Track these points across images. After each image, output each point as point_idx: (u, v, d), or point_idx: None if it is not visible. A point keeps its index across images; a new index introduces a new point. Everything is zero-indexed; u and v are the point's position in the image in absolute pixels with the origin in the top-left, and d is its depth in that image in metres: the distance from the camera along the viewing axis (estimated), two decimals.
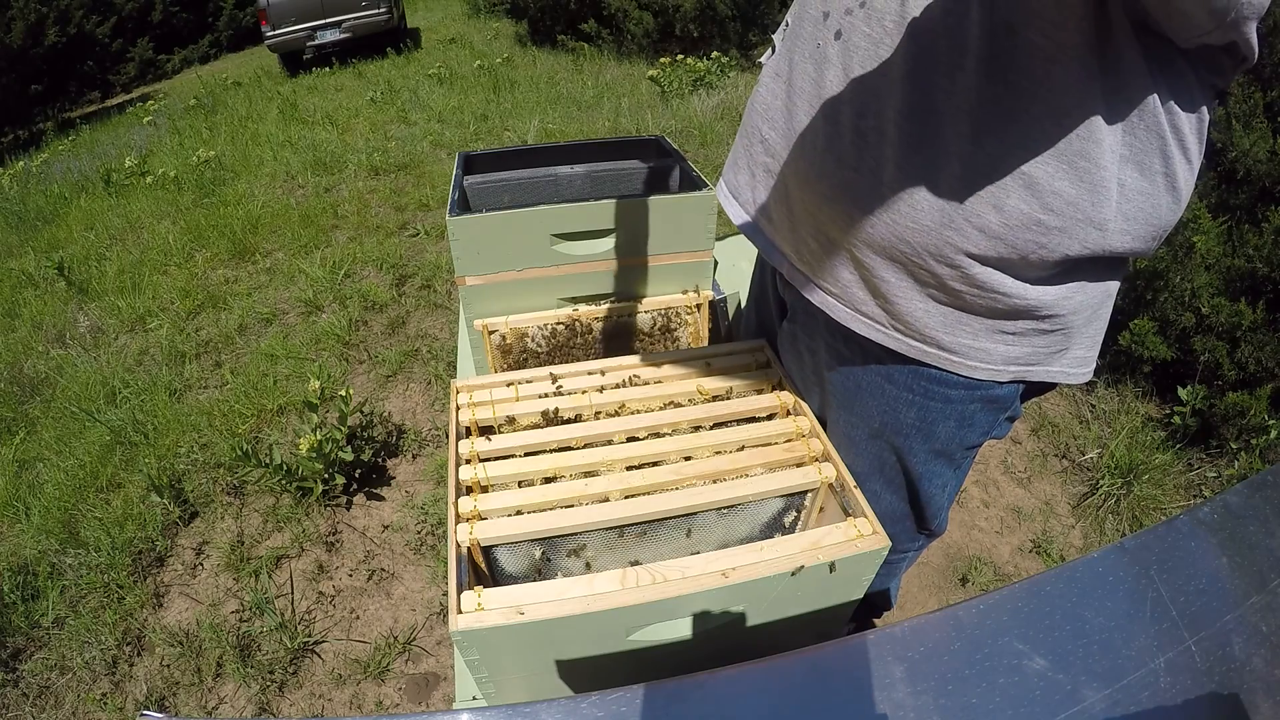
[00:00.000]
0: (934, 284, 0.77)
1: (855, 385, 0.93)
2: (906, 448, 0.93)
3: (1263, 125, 2.22)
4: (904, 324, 0.81)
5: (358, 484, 2.27)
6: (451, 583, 0.77)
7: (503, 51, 7.73)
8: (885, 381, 0.88)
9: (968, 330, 0.79)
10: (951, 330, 0.79)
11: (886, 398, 0.89)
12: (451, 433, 0.99)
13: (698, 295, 1.44)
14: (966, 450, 0.94)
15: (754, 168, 0.91)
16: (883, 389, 0.89)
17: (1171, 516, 0.59)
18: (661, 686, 0.54)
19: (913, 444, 0.92)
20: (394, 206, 4.30)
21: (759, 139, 0.88)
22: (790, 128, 0.82)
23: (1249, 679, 0.49)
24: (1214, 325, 2.17)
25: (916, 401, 0.87)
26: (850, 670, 0.54)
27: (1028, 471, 2.21)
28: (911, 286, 0.78)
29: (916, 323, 0.80)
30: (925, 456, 0.93)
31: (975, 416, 0.87)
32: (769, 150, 0.87)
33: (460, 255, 1.30)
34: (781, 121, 0.83)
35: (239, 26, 12.42)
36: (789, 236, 0.88)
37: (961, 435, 0.90)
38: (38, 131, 9.14)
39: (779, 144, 0.85)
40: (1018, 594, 0.58)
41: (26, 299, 3.72)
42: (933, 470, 0.95)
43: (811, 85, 0.78)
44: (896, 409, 0.89)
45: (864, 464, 0.98)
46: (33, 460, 2.56)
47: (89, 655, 1.84)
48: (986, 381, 0.82)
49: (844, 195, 0.77)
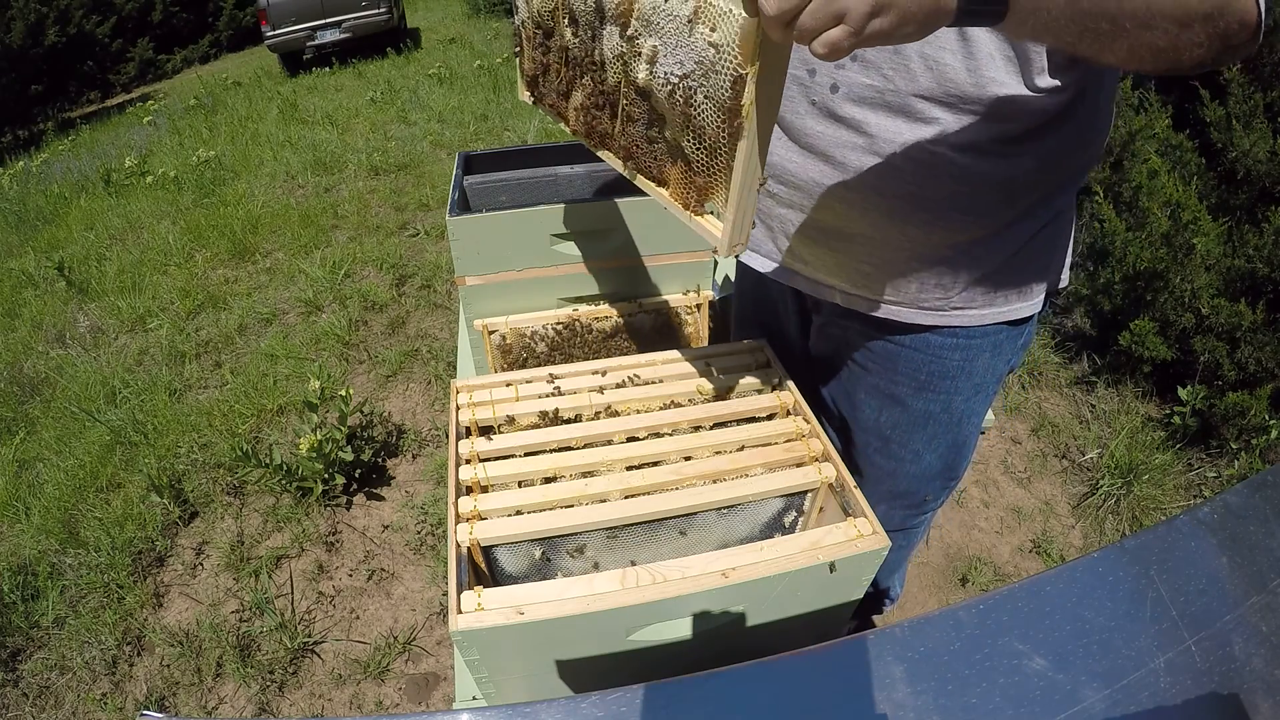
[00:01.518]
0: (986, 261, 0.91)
1: (898, 346, 1.03)
2: (953, 389, 1.03)
3: (1263, 125, 2.22)
4: (961, 304, 0.94)
5: (358, 484, 2.27)
6: (451, 583, 0.77)
7: (503, 51, 7.73)
8: (931, 334, 1.00)
9: (1012, 285, 0.94)
10: (995, 293, 0.94)
11: (931, 349, 1.00)
12: (451, 433, 0.99)
13: (698, 295, 1.44)
14: (996, 382, 1.06)
15: (768, 221, 1.01)
16: (928, 342, 1.00)
17: (1171, 516, 0.59)
18: (661, 686, 0.54)
19: (959, 384, 1.03)
20: (394, 206, 4.30)
21: (766, 194, 0.98)
22: (809, 178, 0.91)
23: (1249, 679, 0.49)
24: (1214, 325, 2.17)
25: (960, 344, 0.99)
26: (850, 670, 0.54)
27: (1028, 471, 2.21)
28: (969, 271, 0.91)
29: (973, 300, 0.94)
30: (968, 394, 1.04)
31: (1004, 344, 1.01)
32: (784, 202, 0.97)
33: (460, 255, 1.30)
34: (798, 173, 0.92)
35: (239, 26, 12.42)
36: (837, 269, 0.98)
37: (994, 365, 1.02)
38: (38, 131, 9.14)
39: (798, 196, 0.94)
40: (1018, 594, 0.58)
41: (26, 299, 3.72)
42: (973, 408, 1.07)
43: (828, 134, 0.87)
44: (942, 355, 1.00)
45: (908, 420, 1.08)
46: (33, 460, 2.56)
47: (89, 655, 1.84)
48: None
49: (913, 209, 0.87)
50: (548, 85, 0.96)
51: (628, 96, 0.79)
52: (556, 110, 0.98)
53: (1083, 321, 2.67)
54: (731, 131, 0.67)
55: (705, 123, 0.70)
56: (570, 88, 0.91)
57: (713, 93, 0.67)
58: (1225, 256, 2.21)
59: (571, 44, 0.87)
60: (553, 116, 1.00)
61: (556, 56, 0.92)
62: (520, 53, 1.02)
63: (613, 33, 0.77)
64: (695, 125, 0.70)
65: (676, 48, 0.69)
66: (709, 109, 0.68)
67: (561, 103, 0.95)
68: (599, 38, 0.80)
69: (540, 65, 0.97)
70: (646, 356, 1.13)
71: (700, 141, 0.71)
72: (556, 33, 0.90)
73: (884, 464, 1.15)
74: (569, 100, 0.92)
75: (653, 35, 0.71)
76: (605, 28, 0.78)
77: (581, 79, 0.88)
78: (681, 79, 0.69)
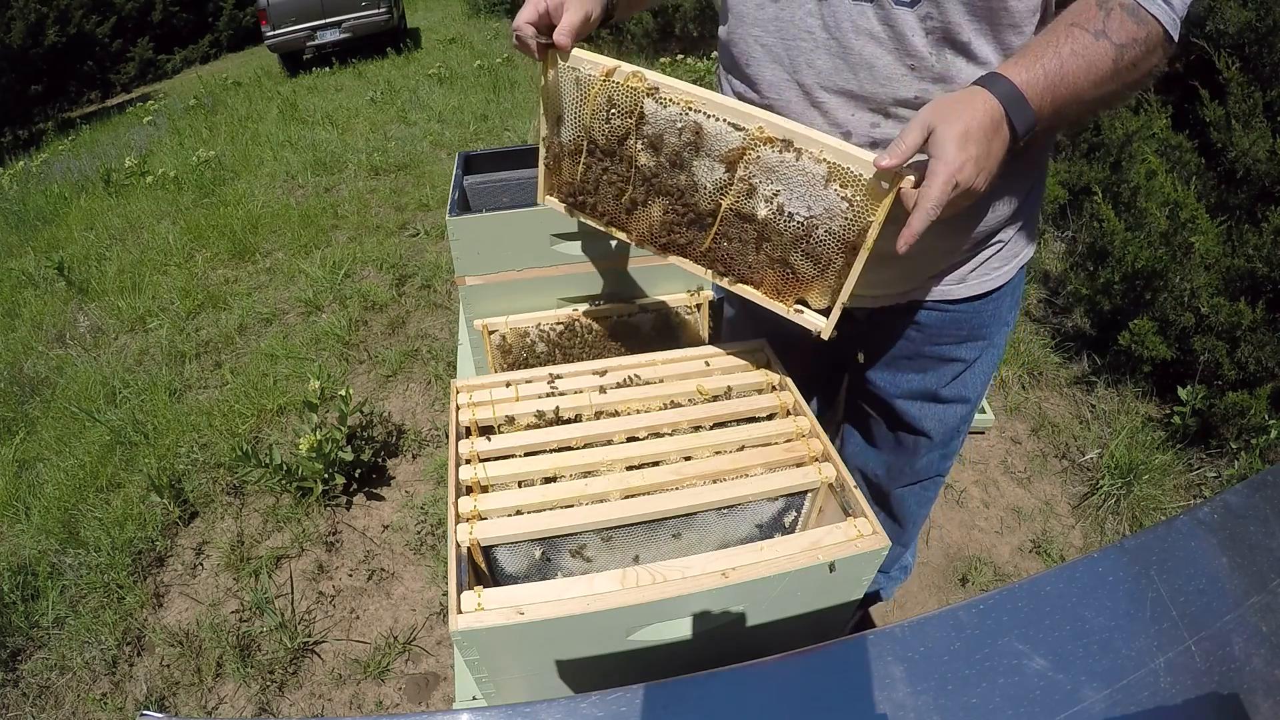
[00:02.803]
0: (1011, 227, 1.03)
1: (940, 314, 1.11)
2: (990, 332, 1.15)
3: (1262, 125, 2.22)
4: (992, 268, 1.05)
5: (358, 484, 2.27)
6: (451, 583, 0.77)
7: (503, 51, 7.73)
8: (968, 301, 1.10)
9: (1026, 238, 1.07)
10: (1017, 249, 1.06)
11: (969, 311, 1.10)
12: (451, 433, 0.99)
13: (698, 295, 1.44)
14: (1017, 311, 1.21)
15: None
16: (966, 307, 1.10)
17: (1171, 516, 0.59)
18: (661, 686, 0.54)
19: (992, 328, 1.14)
20: (394, 206, 4.30)
21: None
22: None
23: (1249, 679, 0.49)
24: (1214, 325, 2.17)
25: (991, 299, 1.09)
26: (850, 670, 0.54)
27: (1028, 471, 2.21)
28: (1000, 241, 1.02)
29: (1004, 261, 1.05)
30: (1000, 330, 1.16)
31: (1018, 283, 1.13)
32: None
33: (460, 255, 1.30)
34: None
35: (239, 26, 12.42)
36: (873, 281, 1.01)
37: (1015, 301, 1.16)
38: (38, 131, 9.14)
39: None
40: (1018, 594, 0.58)
41: (26, 299, 3.72)
42: (1002, 339, 1.19)
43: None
44: (981, 311, 1.11)
45: (953, 371, 1.19)
46: (33, 460, 2.56)
47: (89, 655, 1.84)
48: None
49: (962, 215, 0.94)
50: (599, 198, 1.00)
51: (727, 220, 0.91)
52: (608, 219, 1.02)
53: (1082, 321, 2.67)
54: (849, 257, 0.84)
55: (822, 250, 0.86)
56: (641, 204, 0.97)
57: (836, 230, 0.83)
58: (1225, 256, 2.21)
59: (648, 167, 0.93)
60: (594, 223, 1.04)
61: (617, 174, 0.96)
62: (553, 163, 1.02)
63: (714, 168, 0.88)
64: (812, 251, 0.86)
65: (805, 195, 0.83)
66: (829, 240, 0.84)
67: (622, 215, 1.00)
68: (688, 167, 0.89)
69: (588, 181, 0.99)
70: (646, 356, 1.13)
71: (813, 261, 0.87)
72: (623, 156, 0.94)
73: (937, 413, 1.26)
74: (632, 215, 0.99)
75: (775, 181, 0.84)
76: (701, 160, 0.88)
77: (658, 198, 0.94)
78: (808, 218, 0.84)
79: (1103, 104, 0.83)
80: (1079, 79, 0.76)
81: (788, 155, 0.82)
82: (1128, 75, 0.79)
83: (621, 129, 0.91)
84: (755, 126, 0.83)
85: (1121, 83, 0.79)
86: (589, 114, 0.92)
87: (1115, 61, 0.77)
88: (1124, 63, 0.77)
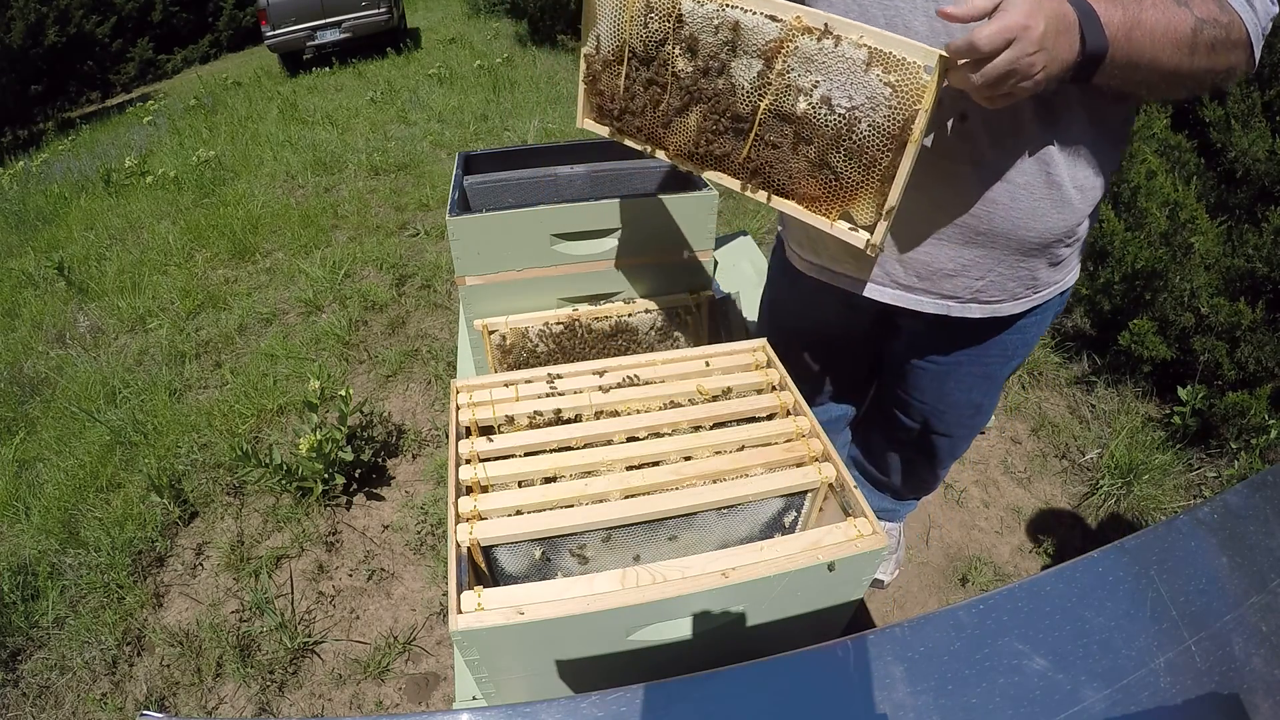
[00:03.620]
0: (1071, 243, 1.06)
1: (992, 332, 1.16)
2: (1030, 344, 1.21)
3: (1261, 125, 2.22)
4: (1045, 283, 1.09)
5: (358, 484, 2.26)
6: (451, 583, 0.77)
7: (503, 51, 7.73)
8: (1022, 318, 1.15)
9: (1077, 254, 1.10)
10: (1068, 265, 1.09)
11: (1019, 328, 1.16)
12: (451, 433, 0.99)
13: (698, 295, 1.44)
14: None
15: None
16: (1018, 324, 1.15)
17: (1171, 516, 0.59)
18: (661, 686, 0.54)
19: (1032, 341, 1.21)
20: (394, 206, 4.30)
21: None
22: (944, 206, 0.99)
23: (1249, 679, 0.49)
24: (1214, 325, 2.17)
25: (1037, 315, 1.15)
26: (850, 670, 0.54)
27: (1028, 471, 2.21)
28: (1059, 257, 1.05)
29: (1055, 276, 1.09)
30: (1035, 342, 1.23)
31: (1057, 300, 1.15)
32: (902, 224, 1.02)
33: (460, 255, 1.30)
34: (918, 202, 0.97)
35: (239, 26, 12.41)
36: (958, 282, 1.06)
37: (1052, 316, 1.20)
38: (38, 131, 9.14)
39: (921, 223, 1.01)
40: (1018, 594, 0.58)
41: (26, 299, 3.72)
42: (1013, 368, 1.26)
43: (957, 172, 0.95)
44: (1026, 329, 1.17)
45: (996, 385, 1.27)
46: (33, 460, 2.56)
47: (89, 655, 1.84)
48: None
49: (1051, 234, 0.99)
50: (637, 112, 0.99)
51: (765, 122, 0.88)
52: (646, 135, 1.01)
53: (1082, 321, 2.67)
54: (896, 153, 0.79)
55: (867, 145, 0.81)
56: (677, 114, 0.95)
57: (880, 122, 0.79)
58: (1224, 256, 2.21)
59: (686, 73, 0.91)
60: (634, 142, 1.03)
61: (654, 83, 0.95)
62: (593, 79, 1.02)
63: (752, 65, 0.85)
64: (855, 147, 0.82)
65: (846, 84, 0.80)
66: (874, 135, 0.80)
67: (658, 128, 0.98)
68: (726, 68, 0.87)
69: (628, 92, 0.98)
70: (646, 356, 1.13)
71: (856, 161, 0.83)
72: (660, 60, 0.93)
73: (973, 420, 1.34)
74: (670, 126, 0.96)
75: (814, 72, 0.81)
76: (739, 59, 0.86)
77: (695, 106, 0.92)
78: (850, 109, 0.80)
79: (1175, 81, 0.81)
80: (1155, 33, 0.75)
81: (826, 43, 0.79)
82: (1204, 58, 0.78)
83: (659, 33, 0.91)
84: (793, 16, 0.81)
85: (1197, 64, 0.79)
86: (627, 20, 0.93)
87: (1194, 32, 0.76)
88: (1202, 39, 0.77)
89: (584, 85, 1.04)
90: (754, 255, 2.22)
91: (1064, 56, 0.73)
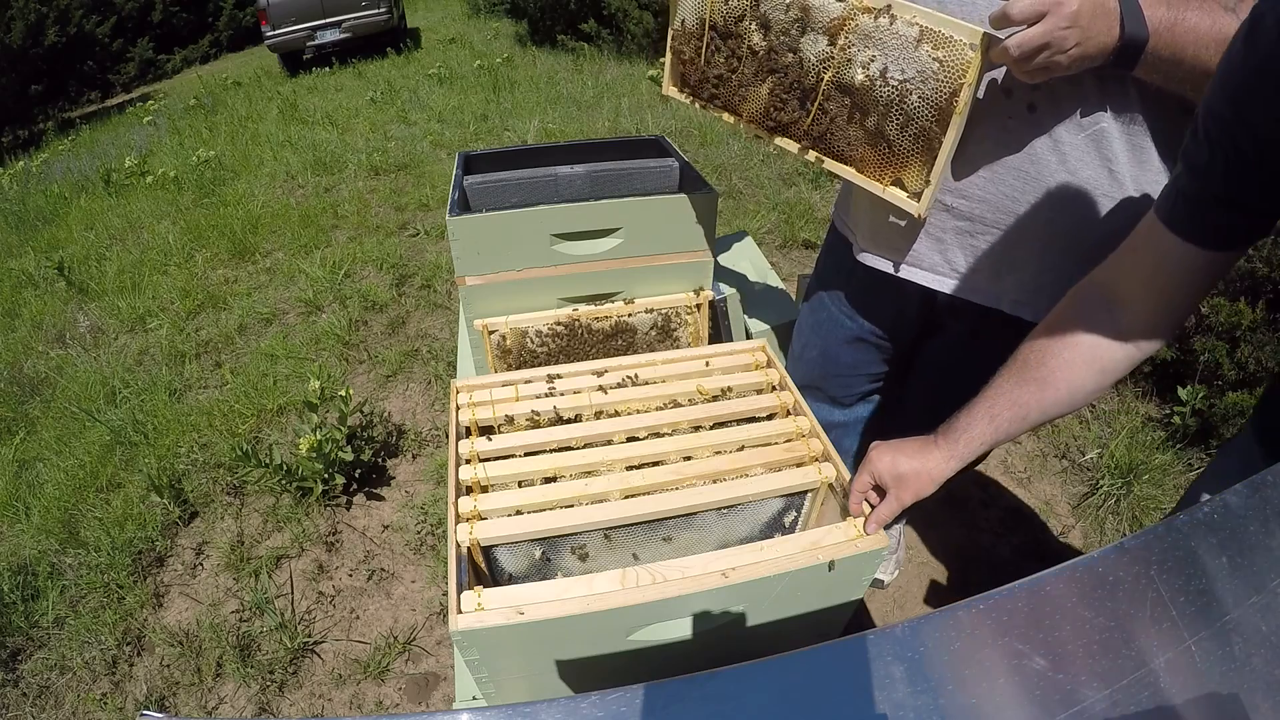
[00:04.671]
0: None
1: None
2: None
3: None
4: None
5: (358, 484, 2.26)
6: (451, 583, 0.77)
7: (503, 51, 7.73)
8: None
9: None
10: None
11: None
12: (451, 433, 0.99)
13: (698, 295, 1.44)
14: None
15: (943, 234, 1.08)
16: None
17: (1171, 516, 0.59)
18: (661, 686, 0.54)
19: None
20: (394, 206, 4.30)
21: (943, 209, 1.06)
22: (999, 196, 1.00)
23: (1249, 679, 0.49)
24: (1214, 325, 2.17)
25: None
26: (850, 670, 0.54)
27: (1028, 471, 2.21)
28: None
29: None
30: None
31: None
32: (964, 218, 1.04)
33: (460, 255, 1.30)
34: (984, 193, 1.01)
35: (239, 26, 12.42)
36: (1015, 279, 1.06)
37: None
38: (38, 131, 9.14)
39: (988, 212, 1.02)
40: (1018, 594, 0.58)
41: (26, 299, 3.72)
42: None
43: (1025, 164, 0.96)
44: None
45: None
46: (33, 460, 2.56)
47: (89, 655, 1.84)
48: None
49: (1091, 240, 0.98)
50: (716, 80, 1.10)
51: (827, 93, 0.97)
52: (722, 102, 1.12)
53: None
54: (942, 124, 0.88)
55: (917, 115, 0.90)
56: (751, 83, 1.06)
57: (929, 94, 0.88)
58: None
59: (760, 46, 1.02)
60: (711, 108, 1.14)
61: (733, 55, 1.06)
62: (679, 51, 1.13)
63: (818, 40, 0.95)
64: (906, 117, 0.91)
65: (899, 59, 0.89)
66: (923, 106, 0.89)
67: (732, 96, 1.09)
68: (795, 42, 0.98)
69: (710, 63, 1.10)
70: (646, 356, 1.13)
71: (908, 130, 0.92)
72: (738, 35, 1.04)
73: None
74: (744, 94, 1.07)
75: (871, 47, 0.90)
76: (807, 35, 0.96)
77: (768, 76, 1.03)
78: (901, 82, 0.89)
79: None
80: (1199, 32, 0.78)
81: (883, 20, 0.88)
82: None
83: (738, 9, 1.02)
84: None
85: None
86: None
87: None
88: None
89: (670, 57, 1.15)
90: (754, 255, 2.22)
91: (1101, 38, 0.77)
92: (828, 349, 1.38)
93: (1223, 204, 0.69)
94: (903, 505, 0.87)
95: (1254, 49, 0.61)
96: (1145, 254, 0.77)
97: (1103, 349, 0.81)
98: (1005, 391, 0.85)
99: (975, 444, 0.86)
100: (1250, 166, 0.65)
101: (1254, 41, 0.61)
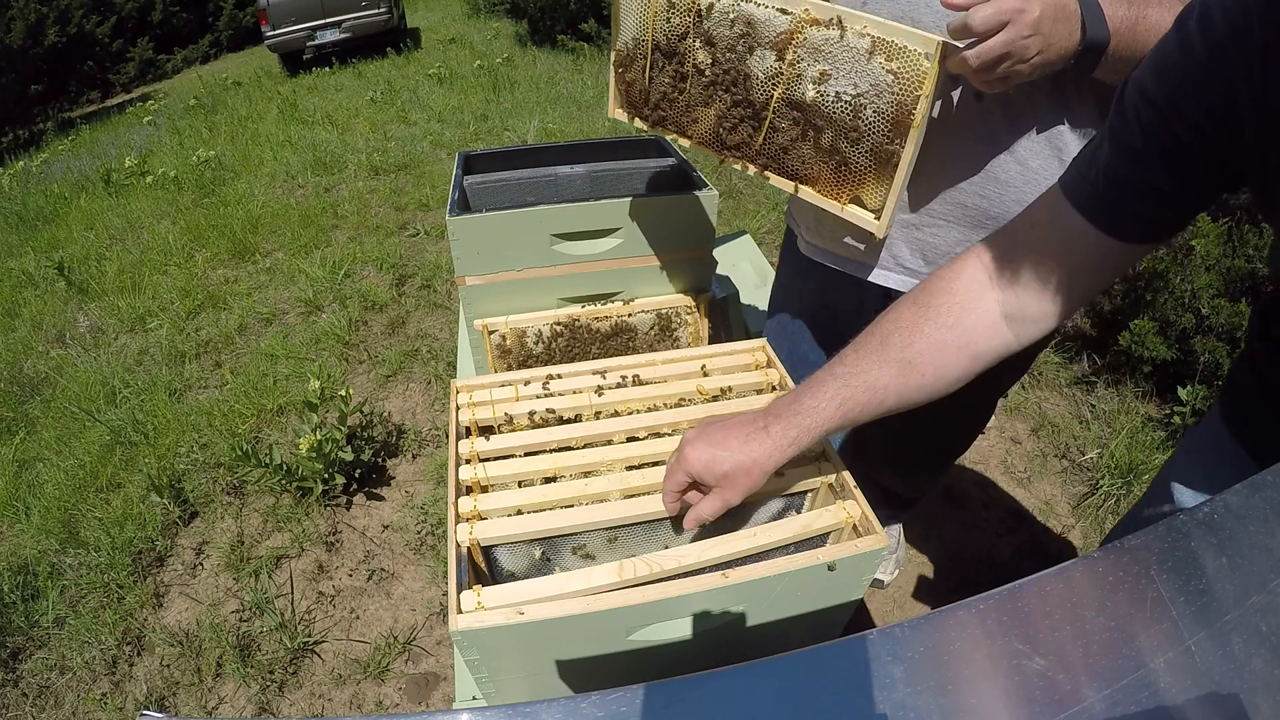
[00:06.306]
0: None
1: None
2: None
3: None
4: None
5: (358, 484, 2.26)
6: (451, 583, 0.77)
7: (503, 51, 7.73)
8: None
9: None
10: None
11: None
12: (451, 433, 0.99)
13: (698, 295, 1.44)
14: None
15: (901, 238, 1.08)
16: None
17: (1171, 516, 0.59)
18: (661, 686, 0.54)
19: None
20: (394, 206, 4.30)
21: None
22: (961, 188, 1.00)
23: (1249, 679, 0.49)
24: (1214, 326, 2.17)
25: None
26: (850, 670, 0.54)
27: (1028, 471, 2.21)
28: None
29: None
30: None
31: None
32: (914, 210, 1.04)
33: (460, 255, 1.30)
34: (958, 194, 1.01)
35: (239, 26, 12.42)
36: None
37: None
38: (38, 131, 9.14)
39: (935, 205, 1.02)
40: (1018, 594, 0.58)
41: (26, 299, 3.72)
42: None
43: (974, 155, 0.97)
44: None
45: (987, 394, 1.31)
46: (33, 460, 2.56)
47: (89, 655, 1.84)
48: None
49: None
50: (662, 101, 1.04)
51: (778, 110, 0.92)
52: (671, 123, 1.06)
53: (1082, 321, 2.67)
54: (899, 139, 0.83)
55: (871, 132, 0.85)
56: (699, 104, 1.00)
57: (884, 109, 0.83)
58: (1225, 257, 2.21)
59: (705, 65, 0.96)
60: (658, 130, 1.08)
61: (678, 75, 1.00)
62: (623, 72, 1.07)
63: (766, 56, 0.90)
64: (861, 134, 0.86)
65: (851, 72, 0.84)
66: (878, 121, 0.84)
67: (681, 118, 1.03)
68: (742, 60, 0.92)
69: (656, 83, 1.03)
70: (646, 356, 1.13)
71: (863, 146, 0.87)
72: (682, 54, 0.98)
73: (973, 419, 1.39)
74: (693, 115, 1.02)
75: (821, 61, 0.86)
76: (756, 51, 0.91)
77: (717, 95, 0.97)
78: (855, 97, 0.85)
79: None
80: (1161, 30, 0.75)
81: (832, 33, 0.84)
82: None
83: (680, 27, 0.96)
84: (801, 9, 0.86)
85: None
86: (651, 16, 0.98)
87: None
88: None
89: (613, 78, 1.09)
90: (754, 255, 2.22)
91: (1062, 44, 0.75)
92: (795, 349, 1.39)
93: (1159, 195, 0.63)
94: (729, 505, 0.78)
95: (1203, 39, 0.56)
96: (1048, 237, 0.69)
97: (980, 334, 0.73)
98: (861, 372, 0.75)
99: (818, 432, 0.76)
100: (1190, 156, 0.60)
101: (1204, 30, 0.56)
